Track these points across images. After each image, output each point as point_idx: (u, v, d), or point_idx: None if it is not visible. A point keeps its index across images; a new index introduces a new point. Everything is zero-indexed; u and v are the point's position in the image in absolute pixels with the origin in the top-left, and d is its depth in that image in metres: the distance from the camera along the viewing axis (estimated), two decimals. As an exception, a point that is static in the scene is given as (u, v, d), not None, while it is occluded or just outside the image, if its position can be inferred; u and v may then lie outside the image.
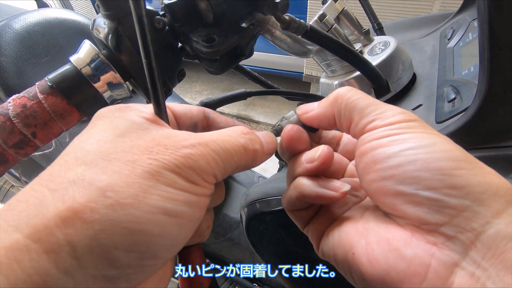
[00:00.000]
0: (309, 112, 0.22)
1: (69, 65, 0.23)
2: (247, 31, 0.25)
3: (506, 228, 0.14)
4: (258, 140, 0.19)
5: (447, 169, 0.15)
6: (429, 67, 0.43)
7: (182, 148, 0.15)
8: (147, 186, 0.14)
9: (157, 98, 0.18)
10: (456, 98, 0.32)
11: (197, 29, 0.24)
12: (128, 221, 0.13)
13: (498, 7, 0.24)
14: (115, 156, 0.14)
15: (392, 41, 0.42)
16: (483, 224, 0.14)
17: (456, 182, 0.15)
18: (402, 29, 0.59)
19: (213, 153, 0.16)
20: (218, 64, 0.25)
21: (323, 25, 0.38)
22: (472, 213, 0.14)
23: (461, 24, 0.45)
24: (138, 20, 0.16)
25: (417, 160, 0.15)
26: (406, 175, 0.16)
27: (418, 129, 0.17)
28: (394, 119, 0.17)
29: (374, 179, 0.17)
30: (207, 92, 2.48)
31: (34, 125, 0.21)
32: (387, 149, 0.16)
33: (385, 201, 0.17)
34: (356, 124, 0.19)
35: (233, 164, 0.18)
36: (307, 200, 0.20)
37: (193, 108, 0.22)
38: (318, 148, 0.20)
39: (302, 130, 0.22)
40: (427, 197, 0.15)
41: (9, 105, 0.21)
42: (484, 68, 0.25)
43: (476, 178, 0.15)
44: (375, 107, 0.18)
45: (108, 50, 0.24)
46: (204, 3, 0.23)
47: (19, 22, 0.82)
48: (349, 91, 0.20)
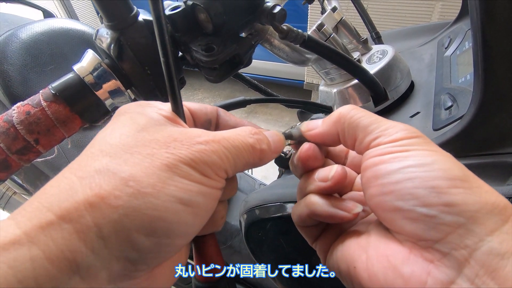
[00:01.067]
0: (313, 129, 0.22)
1: (72, 74, 0.24)
2: (246, 41, 0.26)
3: (499, 246, 0.14)
4: (265, 140, 0.20)
5: (443, 187, 0.15)
6: (427, 75, 0.44)
7: (197, 144, 0.17)
8: (165, 177, 0.15)
9: (174, 96, 0.19)
10: (453, 106, 0.32)
11: (197, 39, 0.25)
12: (147, 208, 0.14)
13: (490, 17, 0.24)
14: (136, 149, 0.16)
15: (390, 50, 0.43)
16: (477, 242, 0.14)
17: (452, 200, 0.15)
18: (400, 38, 0.60)
19: (225, 149, 0.18)
20: (217, 73, 0.26)
21: (321, 34, 0.39)
22: (466, 231, 0.15)
23: (457, 33, 0.45)
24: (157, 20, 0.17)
25: (416, 178, 0.16)
26: (405, 191, 0.16)
27: (420, 146, 0.17)
28: (397, 135, 0.18)
29: (374, 194, 0.18)
30: (209, 100, 2.50)
31: (37, 131, 0.22)
32: (389, 165, 0.17)
33: (385, 216, 0.17)
34: (361, 142, 0.19)
35: (242, 161, 0.19)
36: (318, 218, 0.20)
37: (208, 106, 0.23)
38: (332, 168, 0.20)
39: (318, 149, 0.22)
40: (423, 214, 0.15)
41: (13, 112, 0.22)
42: (479, 77, 0.25)
43: (472, 197, 0.15)
44: (378, 124, 0.19)
45: (110, 59, 0.25)
46: (203, 14, 0.23)
47: (25, 31, 0.83)
48: (351, 109, 0.20)
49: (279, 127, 2.05)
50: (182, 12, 0.24)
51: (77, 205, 0.14)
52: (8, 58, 0.78)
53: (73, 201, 0.14)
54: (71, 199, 0.14)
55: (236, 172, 0.19)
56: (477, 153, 0.28)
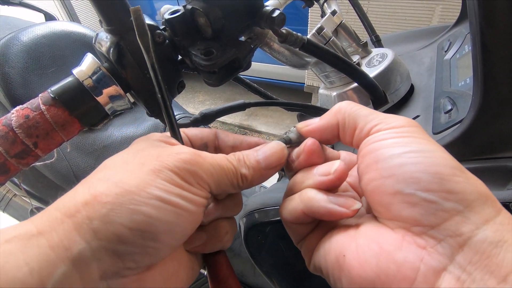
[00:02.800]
0: (311, 124, 0.22)
1: (72, 77, 0.24)
2: (245, 45, 0.26)
3: (494, 234, 0.14)
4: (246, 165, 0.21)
5: (445, 174, 0.16)
6: (427, 78, 0.44)
7: (182, 154, 0.19)
8: (149, 179, 0.17)
9: (172, 125, 0.22)
10: (452, 110, 0.32)
11: (196, 43, 0.25)
12: (130, 203, 0.16)
13: (489, 22, 0.24)
14: (132, 161, 0.19)
15: (389, 53, 0.43)
16: (473, 230, 0.15)
17: (453, 187, 0.15)
18: (400, 41, 0.60)
19: (209, 165, 0.20)
20: (217, 77, 0.26)
21: (321, 38, 0.39)
22: (463, 218, 0.15)
23: (457, 36, 0.46)
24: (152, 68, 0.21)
25: (418, 163, 0.16)
26: (407, 175, 0.16)
27: (420, 135, 0.18)
28: (397, 123, 0.18)
29: (373, 178, 0.18)
30: (209, 102, 2.50)
31: (36, 135, 0.22)
32: (390, 149, 0.17)
33: (381, 200, 0.17)
34: (361, 130, 0.19)
35: (225, 181, 0.20)
36: (315, 215, 0.20)
37: (205, 130, 0.25)
38: (334, 163, 0.20)
39: (321, 144, 0.22)
40: (424, 198, 0.16)
41: (12, 116, 0.22)
42: (478, 81, 0.25)
43: (470, 187, 0.15)
44: (378, 115, 0.20)
45: (110, 63, 0.25)
46: (203, 19, 0.23)
47: (26, 34, 0.84)
48: (350, 103, 0.21)
49: (279, 130, 2.05)
50: (181, 16, 0.24)
51: (76, 203, 0.16)
52: (10, 61, 0.79)
53: (74, 201, 0.17)
54: (73, 199, 0.17)
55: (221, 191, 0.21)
56: (477, 157, 0.28)
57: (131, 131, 0.82)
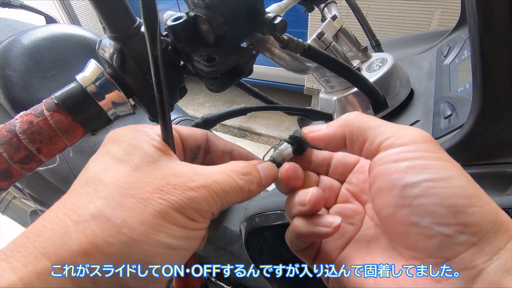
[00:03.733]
0: (317, 131, 0.22)
1: (75, 83, 0.24)
2: (247, 51, 0.26)
3: (505, 262, 0.14)
4: (255, 180, 0.21)
5: (461, 206, 0.15)
6: (426, 83, 0.44)
7: (188, 190, 0.17)
8: (157, 224, 0.16)
9: (166, 126, 0.20)
10: (452, 115, 0.32)
11: (199, 49, 0.25)
12: (138, 254, 0.15)
13: (488, 29, 0.25)
14: (130, 191, 0.16)
15: (389, 58, 0.43)
16: (486, 261, 0.15)
17: (469, 220, 0.15)
18: (399, 46, 0.61)
19: (215, 195, 0.18)
20: (219, 83, 0.26)
21: (321, 43, 0.40)
22: (478, 250, 0.15)
23: (456, 41, 0.46)
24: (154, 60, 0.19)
25: (435, 194, 0.16)
26: (423, 208, 0.16)
27: (435, 154, 0.17)
28: (408, 139, 0.18)
29: (388, 204, 0.17)
30: (209, 104, 2.50)
31: (39, 141, 0.22)
32: (405, 177, 0.17)
33: (396, 228, 0.17)
34: (371, 143, 0.19)
35: (229, 202, 0.19)
36: (305, 239, 0.21)
37: (198, 131, 0.24)
38: (308, 191, 0.21)
39: (298, 168, 0.22)
40: (440, 232, 0.15)
41: (16, 121, 0.22)
42: (477, 87, 0.26)
43: (486, 217, 0.15)
44: (388, 126, 0.19)
45: (113, 69, 0.25)
46: (205, 25, 0.24)
47: (27, 37, 0.84)
48: (359, 114, 0.21)
49: (279, 132, 2.05)
50: (184, 23, 0.24)
51: (71, 252, 0.14)
52: (10, 64, 0.79)
53: (68, 248, 0.14)
54: (66, 245, 0.14)
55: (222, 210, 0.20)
56: (477, 162, 0.28)
57: (131, 133, 0.82)
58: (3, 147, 0.21)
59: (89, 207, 0.15)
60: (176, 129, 0.23)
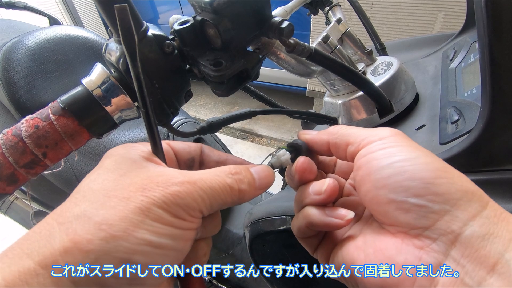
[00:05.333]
0: (308, 134, 0.25)
1: (81, 87, 0.24)
2: (253, 55, 0.26)
3: (480, 229, 0.16)
4: (246, 180, 0.21)
5: (430, 178, 0.17)
6: (432, 87, 0.44)
7: (172, 186, 0.18)
8: (137, 221, 0.16)
9: (154, 139, 0.21)
10: (459, 120, 0.32)
11: (205, 53, 0.25)
12: (117, 251, 0.15)
13: (498, 34, 0.24)
14: (114, 193, 0.17)
15: (394, 62, 0.43)
16: (461, 226, 0.16)
17: (438, 189, 0.17)
18: (404, 49, 0.60)
19: (200, 191, 0.18)
20: (225, 87, 0.26)
21: (327, 46, 0.39)
22: (452, 217, 0.17)
23: (462, 45, 0.46)
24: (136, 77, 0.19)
25: (405, 171, 0.18)
26: (397, 184, 0.18)
27: (403, 142, 0.20)
28: (382, 134, 0.21)
29: (369, 189, 0.19)
30: (211, 105, 2.51)
31: (45, 145, 0.22)
32: (379, 161, 0.19)
33: (379, 209, 0.19)
34: (353, 145, 0.22)
35: (219, 201, 0.19)
36: (316, 228, 0.22)
37: (192, 144, 0.25)
38: (324, 182, 0.22)
39: (312, 162, 0.24)
40: (415, 204, 0.17)
41: (22, 126, 0.22)
42: (486, 93, 0.25)
43: (454, 186, 0.17)
44: (366, 130, 0.22)
45: (119, 72, 0.25)
46: (212, 30, 0.24)
47: (31, 38, 0.84)
48: (343, 126, 0.23)
49: (281, 134, 2.05)
50: (191, 27, 0.24)
51: (53, 251, 0.14)
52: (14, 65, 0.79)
53: (50, 247, 0.15)
54: (49, 245, 0.15)
55: (212, 211, 0.20)
56: (485, 169, 0.28)
57: (134, 135, 0.82)
58: (8, 152, 0.21)
59: (74, 210, 0.16)
60: (169, 144, 0.24)
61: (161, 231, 0.16)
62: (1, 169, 0.21)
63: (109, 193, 0.17)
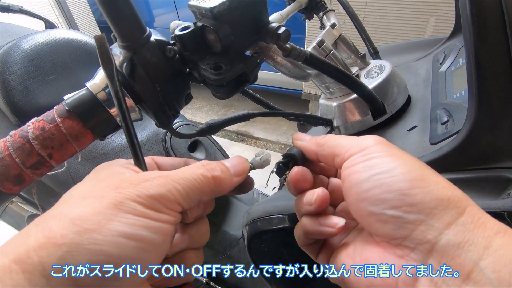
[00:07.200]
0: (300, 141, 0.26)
1: (86, 90, 0.25)
2: (252, 59, 0.27)
3: (455, 237, 0.16)
4: (217, 168, 0.22)
5: (405, 189, 0.18)
6: (423, 89, 0.45)
7: (144, 182, 0.18)
8: (110, 214, 0.16)
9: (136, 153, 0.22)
10: (449, 121, 0.33)
11: (205, 58, 0.26)
12: (90, 243, 0.15)
13: (483, 40, 0.26)
14: (91, 194, 0.18)
15: (387, 65, 0.44)
16: (436, 236, 0.17)
17: (412, 200, 0.18)
18: (396, 53, 0.62)
19: (174, 182, 0.19)
20: (225, 90, 0.27)
21: (322, 50, 0.41)
22: (427, 226, 0.17)
23: (451, 49, 0.47)
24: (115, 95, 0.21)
25: (382, 184, 0.19)
26: (375, 197, 0.19)
27: (384, 152, 0.20)
28: (364, 145, 0.21)
29: (352, 201, 0.20)
30: (207, 108, 2.51)
31: (51, 146, 0.23)
32: (360, 175, 0.20)
33: (362, 220, 0.20)
34: (338, 156, 0.22)
35: (195, 191, 0.20)
36: (312, 236, 0.23)
37: (176, 159, 0.26)
38: (314, 192, 0.23)
39: (307, 171, 0.25)
40: (392, 215, 0.18)
41: (28, 128, 0.23)
42: (473, 95, 0.27)
43: (429, 195, 0.18)
44: (351, 139, 0.23)
45: (122, 76, 0.26)
46: (212, 35, 0.25)
47: (27, 42, 0.84)
48: (331, 136, 0.24)
49: (277, 136, 2.06)
50: (192, 32, 0.25)
51: (27, 247, 0.15)
52: (11, 68, 0.79)
53: (25, 245, 0.15)
54: (24, 243, 0.15)
55: (192, 204, 0.20)
56: (473, 167, 0.29)
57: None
58: (16, 153, 0.22)
59: (52, 212, 0.17)
60: (153, 158, 0.25)
61: (136, 222, 0.17)
62: (9, 170, 0.21)
63: (85, 195, 0.18)
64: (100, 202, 0.17)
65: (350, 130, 0.44)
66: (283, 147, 1.98)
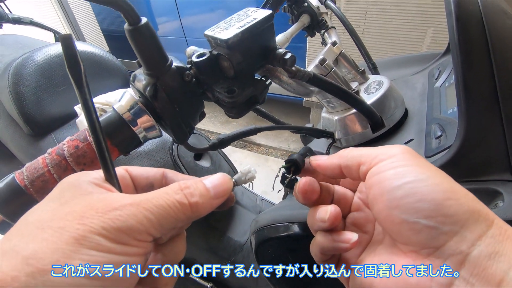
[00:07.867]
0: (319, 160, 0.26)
1: (113, 111, 0.27)
2: (261, 82, 0.30)
3: (487, 248, 0.17)
4: (196, 193, 0.20)
5: (439, 199, 0.18)
6: (419, 104, 0.48)
7: (112, 210, 0.16)
8: (70, 251, 0.15)
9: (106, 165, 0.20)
10: (442, 136, 0.36)
11: (219, 81, 0.29)
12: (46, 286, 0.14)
13: (469, 65, 0.29)
14: (50, 223, 0.16)
15: (385, 81, 0.47)
16: (469, 247, 0.17)
17: (448, 211, 0.18)
18: (394, 66, 0.65)
19: (146, 211, 0.17)
20: (237, 110, 0.30)
21: (323, 68, 0.44)
22: (461, 238, 0.18)
23: (446, 65, 0.50)
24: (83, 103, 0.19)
25: (416, 193, 0.19)
26: (409, 205, 0.19)
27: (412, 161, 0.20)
28: (393, 152, 0.21)
29: (382, 209, 0.20)
30: (208, 115, 2.55)
31: (83, 163, 0.25)
32: (391, 182, 0.20)
33: (392, 228, 0.20)
34: (364, 164, 0.22)
35: (169, 220, 0.18)
36: (328, 252, 0.24)
37: (151, 169, 0.24)
38: (327, 209, 0.23)
39: (315, 181, 0.25)
40: (426, 225, 0.18)
41: (64, 146, 0.25)
42: (462, 114, 0.29)
43: (462, 207, 0.18)
44: (377, 148, 0.23)
45: (144, 98, 0.28)
46: (226, 62, 0.27)
47: (40, 54, 0.88)
48: (352, 149, 0.24)
49: (278, 143, 2.09)
50: (207, 60, 0.28)
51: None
52: (24, 80, 0.83)
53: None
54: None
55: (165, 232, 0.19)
56: (464, 179, 0.32)
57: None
58: (54, 169, 0.24)
59: (4, 245, 0.15)
60: (127, 169, 0.23)
61: (99, 259, 0.15)
62: (47, 185, 0.24)
63: (43, 225, 0.16)
64: (59, 235, 0.15)
65: (350, 142, 0.47)
66: (285, 153, 2.01)
